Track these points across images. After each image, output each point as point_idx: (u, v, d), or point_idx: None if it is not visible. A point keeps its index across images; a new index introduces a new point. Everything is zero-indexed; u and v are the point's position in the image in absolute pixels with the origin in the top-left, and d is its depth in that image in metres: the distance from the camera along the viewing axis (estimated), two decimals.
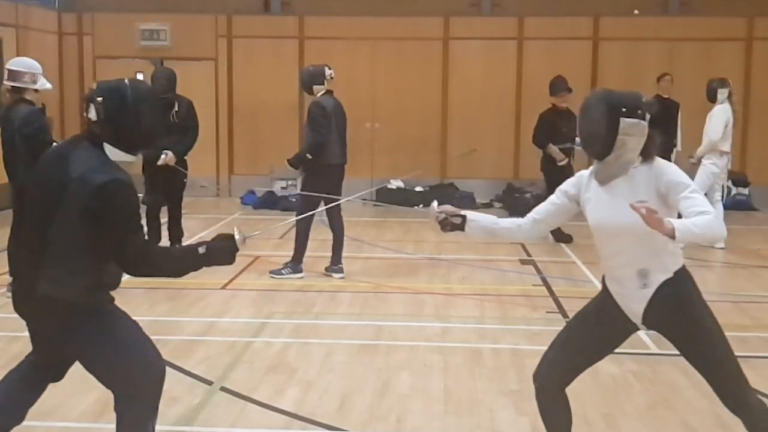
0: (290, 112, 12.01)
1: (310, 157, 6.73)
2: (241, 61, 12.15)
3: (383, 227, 9.74)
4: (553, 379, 3.05)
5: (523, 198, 10.75)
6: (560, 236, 8.69)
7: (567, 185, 3.07)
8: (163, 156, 7.36)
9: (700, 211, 2.66)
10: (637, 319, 2.93)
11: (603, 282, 3.09)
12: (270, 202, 11.21)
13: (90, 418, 3.92)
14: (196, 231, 8.79)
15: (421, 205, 11.38)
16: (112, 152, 2.80)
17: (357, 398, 4.16)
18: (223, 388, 4.28)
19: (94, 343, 2.80)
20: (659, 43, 11.68)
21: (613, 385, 4.45)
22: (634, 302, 2.90)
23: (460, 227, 3.10)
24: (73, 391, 4.21)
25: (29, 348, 3.08)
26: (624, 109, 2.77)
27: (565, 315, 5.77)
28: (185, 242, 7.88)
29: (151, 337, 5.07)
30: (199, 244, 2.85)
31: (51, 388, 4.25)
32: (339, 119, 6.87)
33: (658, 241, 2.71)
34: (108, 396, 4.16)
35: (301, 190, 7.11)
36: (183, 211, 7.82)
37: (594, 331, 3.04)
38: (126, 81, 2.84)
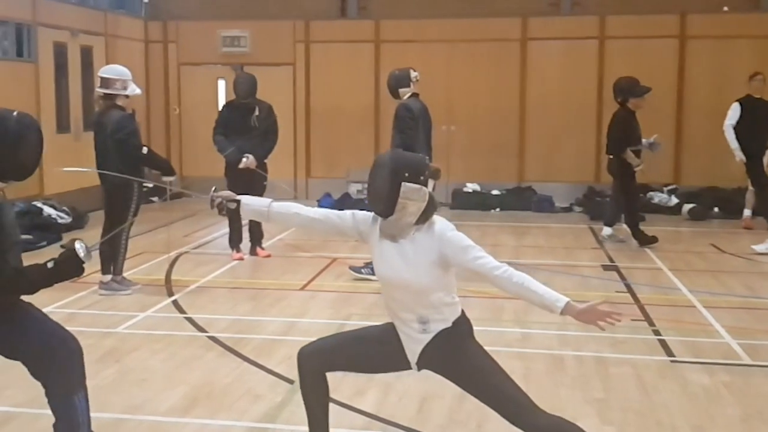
0: (366, 116, 12.08)
1: None
2: (318, 65, 12.31)
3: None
4: (314, 365, 3.16)
5: (604, 202, 10.47)
6: (645, 239, 8.42)
7: (362, 218, 3.13)
8: (244, 159, 7.52)
9: (494, 266, 2.91)
10: (413, 357, 3.07)
11: None
12: (346, 204, 11.31)
13: (178, 413, 4.02)
14: (275, 233, 8.93)
15: (498, 209, 11.27)
16: None
17: (436, 402, 4.13)
18: None
19: (12, 333, 3.02)
20: (750, 40, 11.19)
21: (704, 395, 4.28)
22: (413, 343, 3.05)
23: (236, 211, 3.22)
24: (162, 387, 4.35)
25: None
26: (407, 174, 2.91)
27: (651, 323, 5.60)
28: (265, 243, 8.06)
29: (234, 336, 5.24)
30: (49, 260, 2.96)
31: (141, 383, 4.43)
32: (425, 122, 6.86)
33: (434, 298, 2.96)
34: (196, 392, 4.30)
35: None
36: None
37: (373, 351, 3.16)
38: (14, 113, 2.95)
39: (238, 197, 3.24)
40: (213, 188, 3.28)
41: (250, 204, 3.24)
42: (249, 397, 4.21)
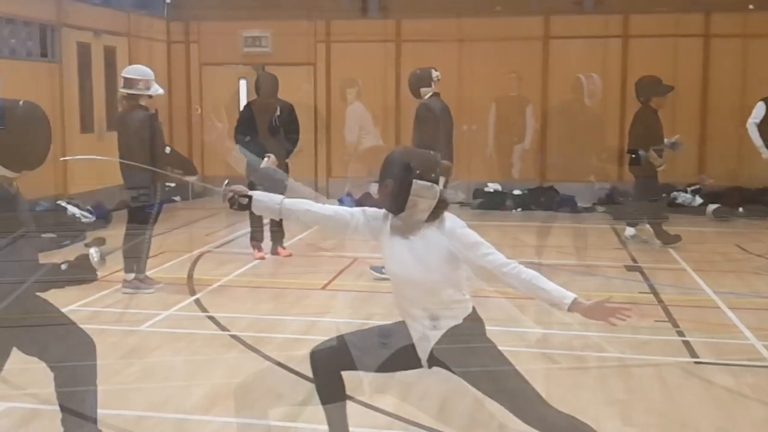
0: (387, 115, 12.08)
1: None
2: (339, 65, 12.32)
3: (479, 231, 9.50)
4: (327, 365, 3.17)
5: (627, 202, 10.39)
6: (668, 239, 8.33)
7: (372, 215, 3.12)
8: (265, 159, 7.55)
9: (503, 263, 2.90)
10: (424, 355, 3.06)
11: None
12: (366, 204, 11.29)
13: (200, 411, 4.05)
14: (296, 232, 8.95)
15: (519, 209, 11.21)
16: None
17: (458, 402, 4.11)
18: None
19: (29, 329, 3.07)
20: None
21: (728, 397, 4.23)
22: (423, 340, 3.05)
23: (248, 207, 3.20)
24: (184, 385, 4.38)
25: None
26: (418, 171, 2.91)
27: (675, 324, 5.54)
28: (286, 243, 8.08)
29: (255, 335, 5.26)
30: (64, 262, 2.97)
31: (164, 381, 4.46)
32: (446, 122, 6.84)
33: (444, 295, 2.96)
34: (217, 390, 4.33)
35: None
36: None
37: (383, 349, 3.15)
38: (21, 102, 2.96)
39: (250, 192, 3.23)
40: (225, 182, 3.30)
41: (262, 200, 3.22)
42: (270, 397, 4.23)
